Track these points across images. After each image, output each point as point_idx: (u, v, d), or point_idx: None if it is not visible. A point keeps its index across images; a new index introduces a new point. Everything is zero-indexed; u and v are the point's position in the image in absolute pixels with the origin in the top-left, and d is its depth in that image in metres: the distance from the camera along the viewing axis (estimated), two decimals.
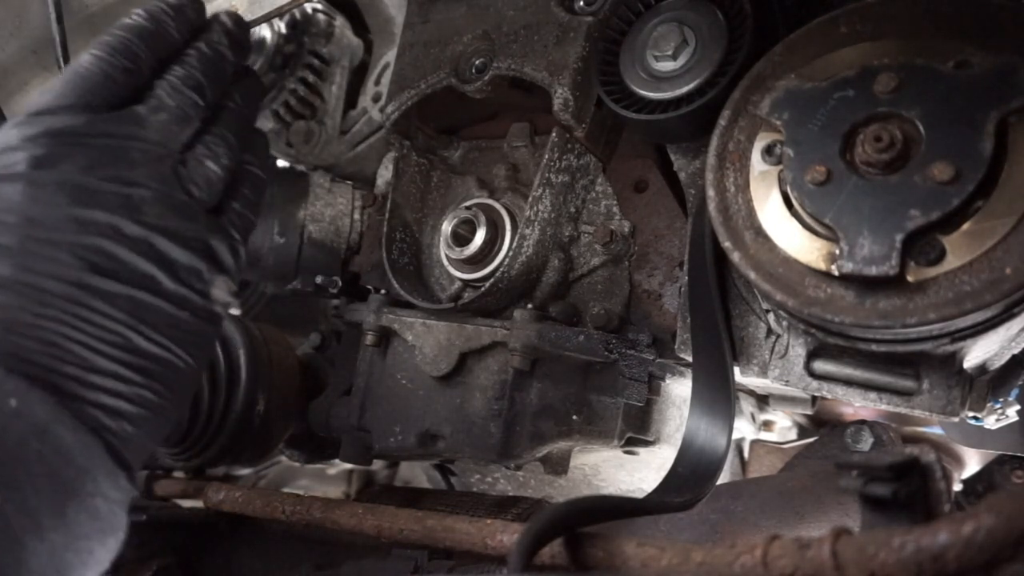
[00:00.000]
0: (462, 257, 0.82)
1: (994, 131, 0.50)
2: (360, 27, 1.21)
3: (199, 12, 0.64)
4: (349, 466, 1.30)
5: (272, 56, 1.15)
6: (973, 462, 1.17)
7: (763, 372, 0.67)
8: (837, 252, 0.54)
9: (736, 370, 0.68)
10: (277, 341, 0.99)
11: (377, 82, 1.17)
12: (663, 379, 0.81)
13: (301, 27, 1.17)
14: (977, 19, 0.54)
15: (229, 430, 0.90)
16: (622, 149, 0.85)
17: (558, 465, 0.84)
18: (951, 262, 0.51)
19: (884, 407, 0.62)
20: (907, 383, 0.60)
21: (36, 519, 0.47)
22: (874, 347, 0.58)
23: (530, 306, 0.80)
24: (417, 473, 1.28)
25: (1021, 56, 0.51)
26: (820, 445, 0.98)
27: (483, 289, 0.78)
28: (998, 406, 0.65)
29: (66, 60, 0.87)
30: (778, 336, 0.66)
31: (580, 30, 0.78)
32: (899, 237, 0.52)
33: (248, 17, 0.70)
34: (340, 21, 1.18)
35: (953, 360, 0.58)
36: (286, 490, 1.23)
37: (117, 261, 0.54)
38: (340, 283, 1.03)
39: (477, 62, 0.84)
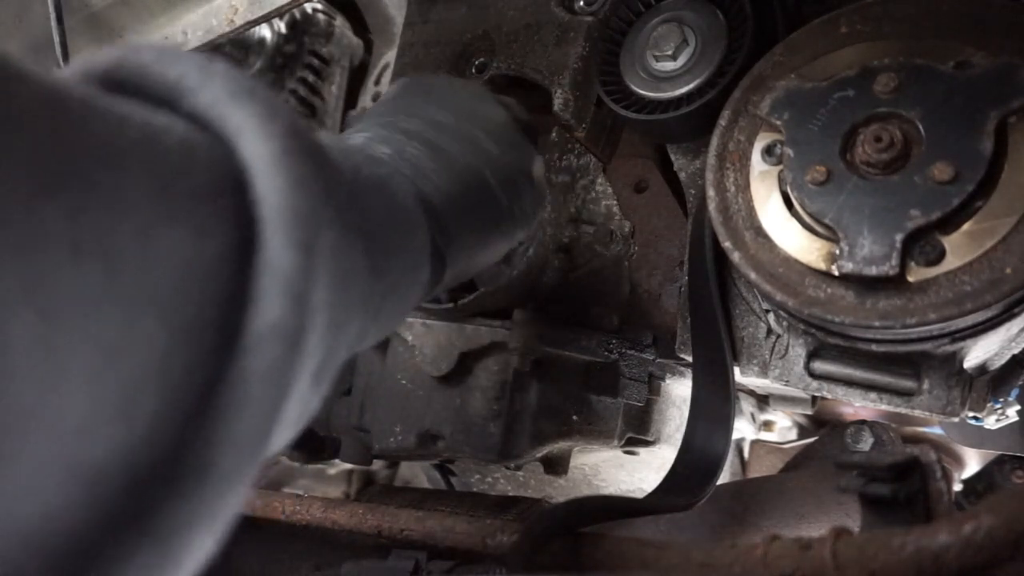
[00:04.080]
0: None
1: (994, 131, 0.50)
2: (360, 27, 1.21)
3: None
4: (349, 466, 1.30)
5: (272, 56, 1.16)
6: (973, 462, 1.17)
7: (763, 372, 0.67)
8: (837, 252, 0.54)
9: (736, 370, 0.68)
10: None
11: (377, 82, 1.17)
12: (663, 379, 0.81)
13: (301, 27, 1.17)
14: (977, 19, 0.54)
15: None
16: (622, 149, 0.85)
17: (558, 465, 0.84)
18: (951, 262, 0.51)
19: (884, 407, 0.62)
20: (907, 383, 0.60)
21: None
22: (874, 347, 0.58)
23: (530, 306, 0.80)
24: (417, 473, 1.28)
25: (1021, 56, 0.51)
26: (820, 445, 0.98)
27: (483, 289, 0.78)
28: (998, 406, 0.65)
29: (66, 60, 0.87)
30: (778, 336, 0.66)
31: (580, 30, 0.78)
32: (899, 237, 0.52)
33: (248, 17, 0.71)
34: (340, 21, 1.18)
35: (953, 360, 0.58)
36: (286, 490, 1.23)
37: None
38: None
39: (477, 62, 0.84)
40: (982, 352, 0.59)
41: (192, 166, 0.31)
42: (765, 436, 1.12)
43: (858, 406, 0.76)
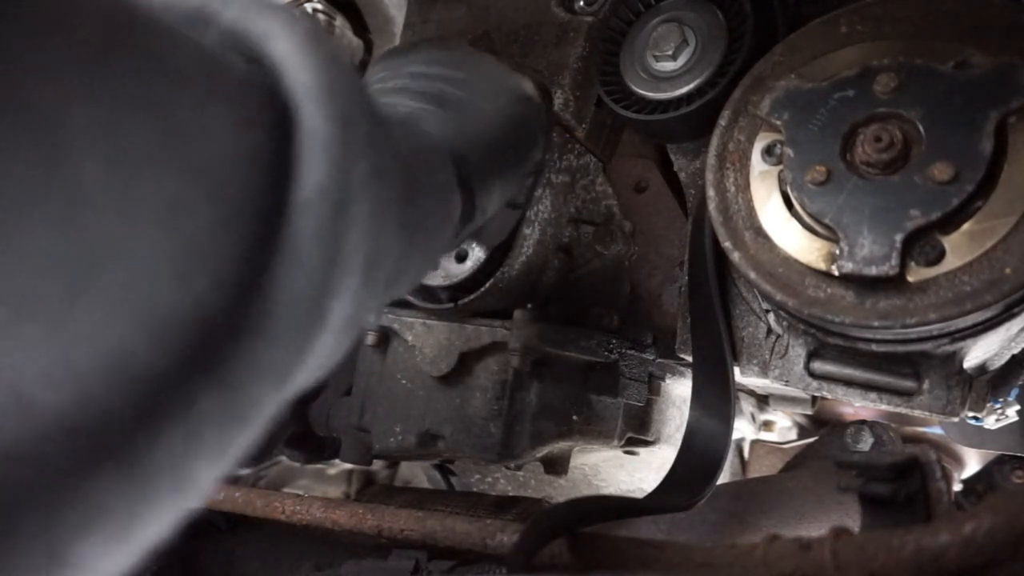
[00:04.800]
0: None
1: (994, 131, 0.50)
2: (360, 27, 1.21)
3: None
4: (349, 466, 1.30)
5: None
6: (973, 462, 1.17)
7: (763, 372, 0.67)
8: (837, 252, 0.54)
9: (736, 370, 0.68)
10: None
11: None
12: (663, 379, 0.81)
13: None
14: (977, 19, 0.54)
15: None
16: (622, 149, 0.85)
17: (558, 465, 0.84)
18: (951, 262, 0.51)
19: (884, 407, 0.62)
20: (907, 383, 0.60)
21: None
22: (874, 347, 0.58)
23: (530, 306, 0.80)
24: (417, 473, 1.28)
25: (1021, 56, 0.51)
26: (820, 445, 0.98)
27: (483, 289, 0.78)
28: (998, 406, 0.65)
29: None
30: (778, 336, 0.66)
31: (580, 30, 0.78)
32: (899, 237, 0.52)
33: None
34: (340, 21, 1.18)
35: (953, 360, 0.58)
36: (286, 490, 1.23)
37: None
38: None
39: None
40: (982, 352, 0.59)
41: (231, 62, 0.34)
42: (765, 436, 1.12)
43: (858, 406, 0.76)
